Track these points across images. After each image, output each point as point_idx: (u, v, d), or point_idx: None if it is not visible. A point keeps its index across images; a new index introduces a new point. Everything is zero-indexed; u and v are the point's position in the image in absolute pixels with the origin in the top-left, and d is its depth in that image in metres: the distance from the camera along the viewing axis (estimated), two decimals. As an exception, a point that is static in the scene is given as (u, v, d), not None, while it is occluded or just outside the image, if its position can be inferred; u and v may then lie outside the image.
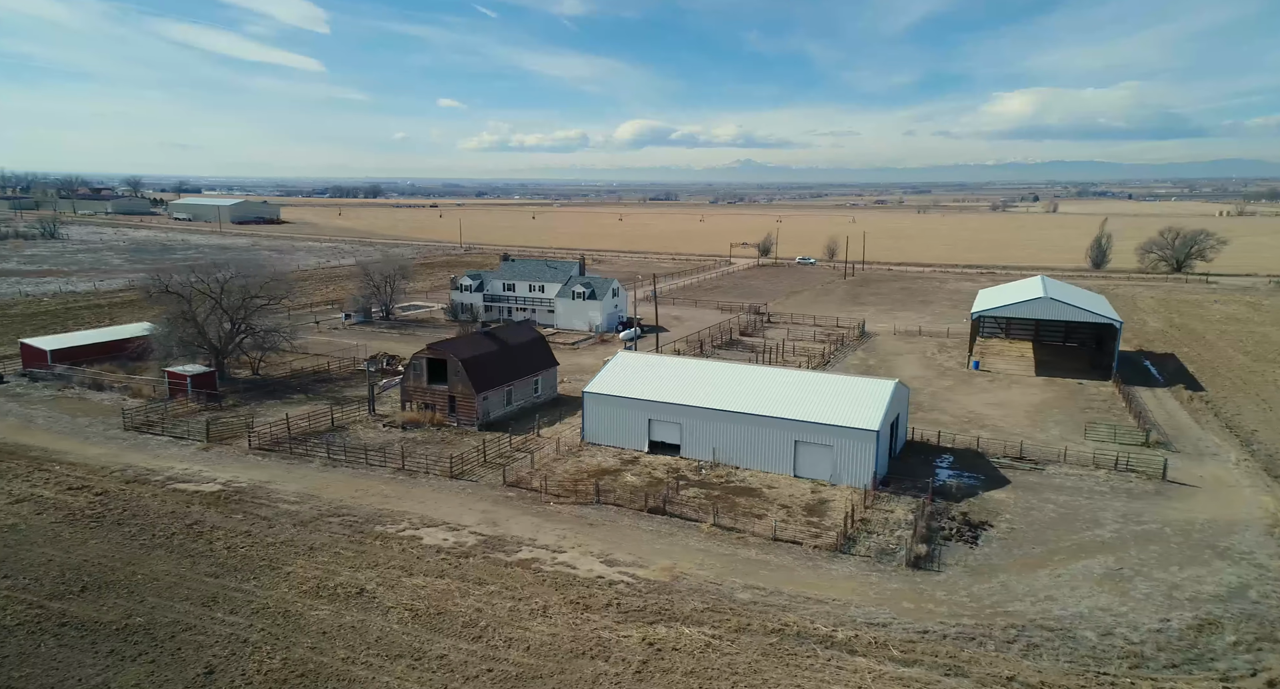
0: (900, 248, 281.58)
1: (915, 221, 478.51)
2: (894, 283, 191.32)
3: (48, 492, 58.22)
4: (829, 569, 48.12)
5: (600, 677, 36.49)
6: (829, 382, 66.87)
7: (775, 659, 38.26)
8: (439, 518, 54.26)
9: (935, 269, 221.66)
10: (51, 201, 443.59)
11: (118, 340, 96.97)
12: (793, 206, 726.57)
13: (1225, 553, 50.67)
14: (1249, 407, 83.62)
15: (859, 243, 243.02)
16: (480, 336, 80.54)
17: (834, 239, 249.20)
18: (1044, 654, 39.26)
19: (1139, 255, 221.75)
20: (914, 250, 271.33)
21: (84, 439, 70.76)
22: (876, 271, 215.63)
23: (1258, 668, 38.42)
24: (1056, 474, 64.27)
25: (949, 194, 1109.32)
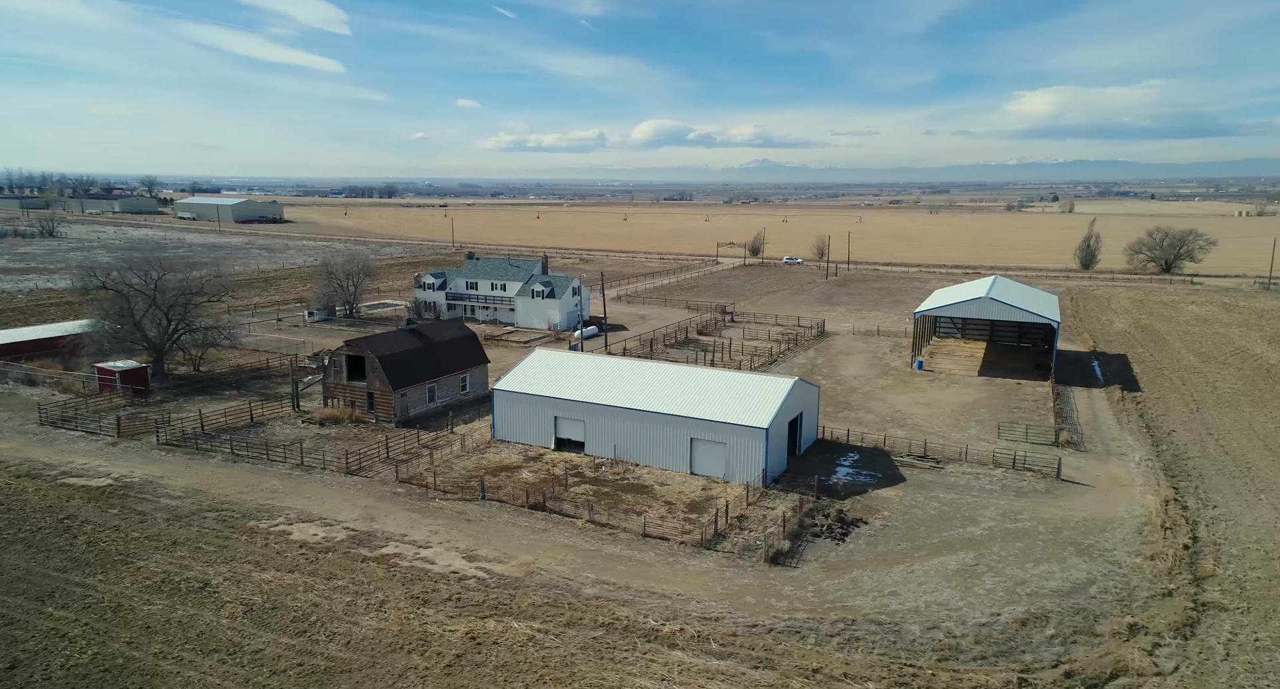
0: (896, 248, 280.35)
1: (924, 222, 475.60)
2: (875, 283, 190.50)
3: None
4: (688, 565, 48.26)
5: (409, 670, 36.85)
6: (731, 380, 66.88)
7: (592, 653, 38.47)
8: (317, 513, 54.84)
9: (922, 269, 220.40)
10: (61, 201, 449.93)
11: (58, 337, 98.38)
12: (804, 207, 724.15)
13: (1086, 550, 50.45)
14: (1177, 407, 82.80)
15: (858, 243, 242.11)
16: (404, 334, 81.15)
17: (823, 239, 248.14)
18: (860, 647, 39.34)
19: (1128, 256, 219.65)
20: (908, 251, 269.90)
21: (3, 429, 72.05)
22: (862, 271, 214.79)
23: (1062, 660, 38.59)
24: (954, 473, 64.04)
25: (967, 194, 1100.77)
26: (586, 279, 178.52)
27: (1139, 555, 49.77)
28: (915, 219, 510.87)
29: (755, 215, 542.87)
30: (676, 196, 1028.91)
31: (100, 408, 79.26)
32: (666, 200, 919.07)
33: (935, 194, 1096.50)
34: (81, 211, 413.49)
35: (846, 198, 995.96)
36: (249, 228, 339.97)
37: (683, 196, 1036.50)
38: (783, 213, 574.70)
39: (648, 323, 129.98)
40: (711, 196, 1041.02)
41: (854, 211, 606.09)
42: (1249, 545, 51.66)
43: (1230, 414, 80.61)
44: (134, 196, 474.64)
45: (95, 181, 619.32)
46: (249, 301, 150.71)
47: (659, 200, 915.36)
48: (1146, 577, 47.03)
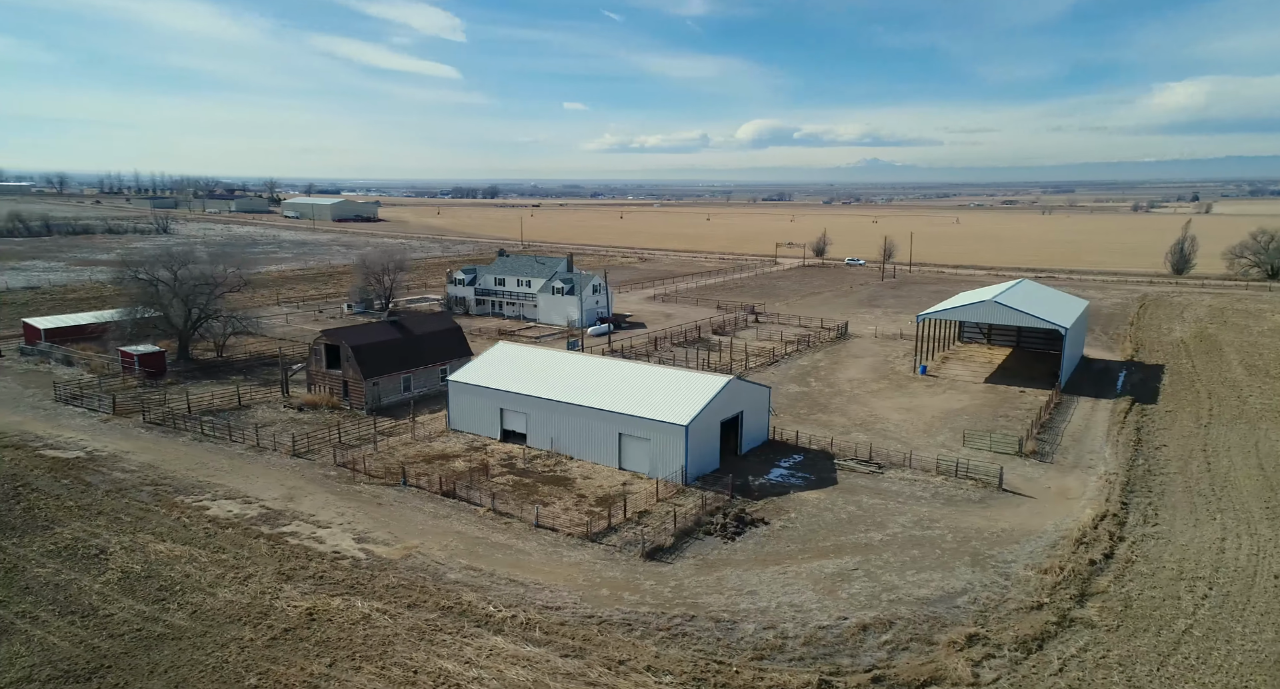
0: (980, 251, 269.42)
1: (1029, 223, 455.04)
2: (931, 286, 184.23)
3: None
4: (565, 556, 48.81)
5: (234, 641, 38.84)
6: (667, 377, 66.75)
7: (416, 634, 39.62)
8: (244, 491, 57.97)
9: (992, 273, 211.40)
10: (187, 201, 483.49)
11: (102, 323, 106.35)
12: (906, 207, 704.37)
13: (983, 560, 48.42)
14: (1185, 422, 77.44)
15: (943, 244, 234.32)
16: (383, 325, 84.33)
17: (891, 240, 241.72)
18: (682, 643, 39.16)
19: (1227, 261, 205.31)
20: (991, 253, 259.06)
21: (10, 408, 78.63)
22: (925, 274, 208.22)
23: (879, 665, 37.70)
24: (892, 478, 62.16)
25: (1093, 193, 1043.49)
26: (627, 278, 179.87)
27: (1034, 569, 47.39)
28: (1020, 220, 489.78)
29: (847, 216, 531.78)
30: (775, 197, 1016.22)
31: (113, 388, 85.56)
32: (764, 201, 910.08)
33: (1058, 194, 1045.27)
34: (203, 211, 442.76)
35: (957, 198, 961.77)
36: (341, 226, 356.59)
37: (781, 197, 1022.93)
38: (881, 213, 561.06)
39: (669, 321, 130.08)
40: (812, 197, 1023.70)
41: (956, 212, 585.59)
42: (1165, 565, 48.35)
43: (1242, 431, 74.84)
44: (249, 197, 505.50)
45: (220, 183, 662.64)
46: (302, 294, 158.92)
47: (755, 201, 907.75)
48: (1026, 590, 44.81)
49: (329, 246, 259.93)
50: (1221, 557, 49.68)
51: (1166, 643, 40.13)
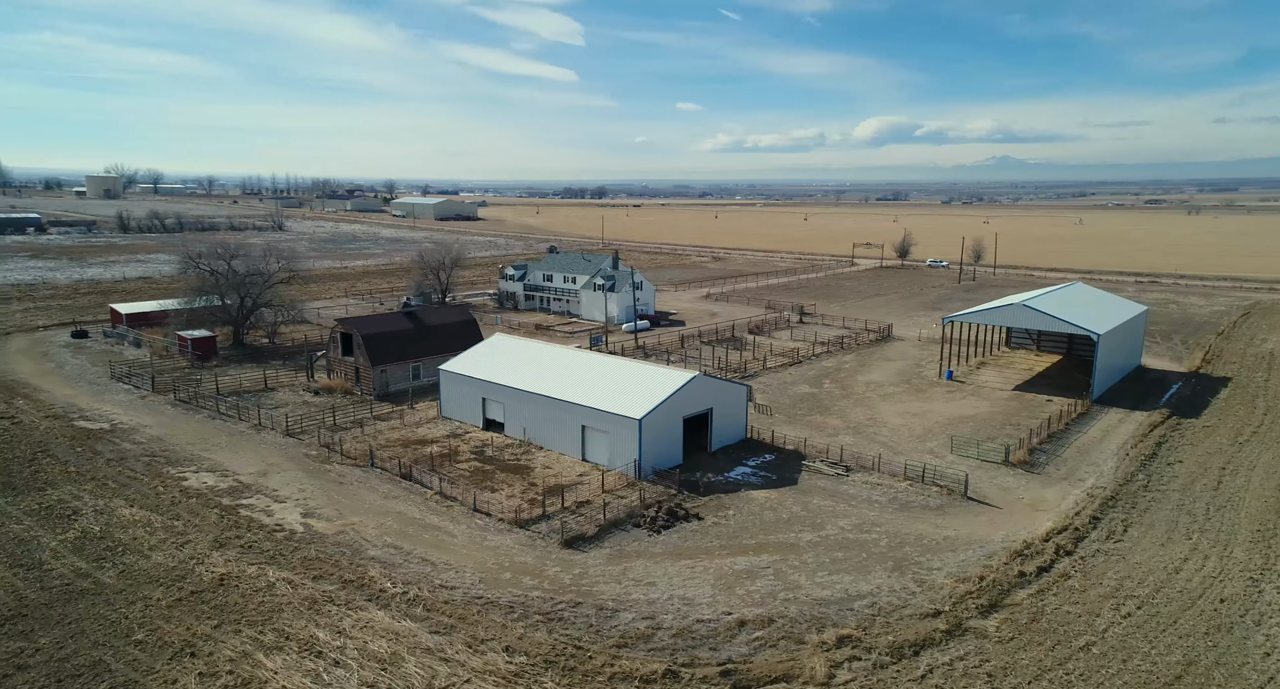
0: (1089, 253, 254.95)
1: (1165, 224, 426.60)
2: (1008, 289, 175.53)
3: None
4: (487, 540, 50.26)
5: (142, 600, 41.98)
6: (638, 371, 67.22)
7: (308, 604, 41.89)
8: (225, 465, 62.10)
9: (1087, 277, 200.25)
10: (310, 201, 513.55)
11: (173, 309, 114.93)
12: (1032, 207, 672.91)
13: (905, 566, 47.20)
14: (1219, 439, 72.04)
15: (1051, 245, 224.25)
16: (397, 316, 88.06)
17: (979, 241, 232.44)
18: (555, 627, 40.06)
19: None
20: (1100, 256, 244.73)
21: (71, 382, 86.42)
22: (1009, 277, 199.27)
23: (735, 659, 37.63)
24: (855, 481, 60.77)
25: (1259, 191, 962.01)
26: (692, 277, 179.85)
27: (954, 578, 45.68)
28: (1158, 221, 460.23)
29: (962, 216, 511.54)
30: (890, 197, 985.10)
31: (163, 368, 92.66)
32: (877, 201, 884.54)
33: (1216, 192, 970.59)
34: (322, 210, 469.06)
35: (1096, 197, 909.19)
36: (441, 224, 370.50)
37: (897, 197, 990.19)
38: (1002, 214, 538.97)
39: (711, 320, 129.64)
40: (930, 197, 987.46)
41: (1085, 213, 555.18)
42: (1102, 582, 45.75)
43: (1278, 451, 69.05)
44: (364, 197, 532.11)
45: (341, 184, 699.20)
46: (375, 287, 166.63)
47: (867, 200, 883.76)
48: (933, 597, 43.35)
49: (420, 243, 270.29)
50: (1172, 577, 46.50)
51: (1055, 658, 38.19)
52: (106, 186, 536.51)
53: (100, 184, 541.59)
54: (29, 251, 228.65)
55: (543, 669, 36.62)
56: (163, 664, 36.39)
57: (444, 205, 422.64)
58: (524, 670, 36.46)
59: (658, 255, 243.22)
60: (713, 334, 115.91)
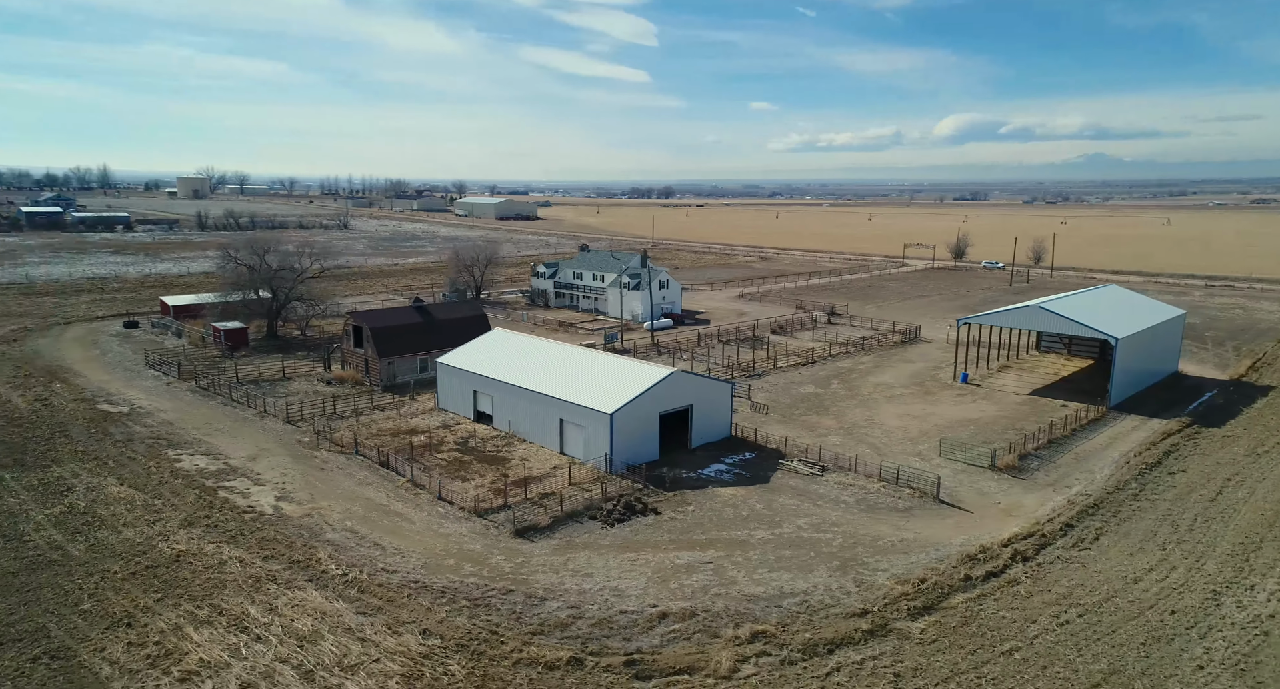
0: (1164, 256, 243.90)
1: (1267, 224, 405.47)
2: (1059, 292, 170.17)
3: (20, 397, 77.73)
4: (442, 527, 51.50)
5: (100, 572, 44.37)
6: (619, 367, 67.72)
7: (250, 582, 43.72)
8: (220, 449, 64.91)
9: (1151, 280, 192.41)
10: (378, 201, 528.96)
11: (214, 302, 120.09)
12: (1119, 207, 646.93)
13: (850, 566, 46.94)
14: (1235, 450, 68.73)
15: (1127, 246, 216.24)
16: (407, 310, 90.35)
17: (1040, 242, 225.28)
18: (476, 612, 41.10)
19: None
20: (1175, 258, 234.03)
21: (109, 369, 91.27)
22: (1067, 279, 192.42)
23: (644, 650, 38.08)
24: (828, 481, 60.15)
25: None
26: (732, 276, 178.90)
27: (895, 579, 44.86)
28: (1259, 221, 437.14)
29: (1041, 216, 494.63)
30: (968, 197, 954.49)
31: (195, 357, 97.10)
32: (954, 201, 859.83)
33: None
34: (390, 209, 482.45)
35: (1196, 196, 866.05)
36: (499, 223, 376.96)
37: (975, 196, 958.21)
38: (1087, 214, 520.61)
39: (738, 319, 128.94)
40: (1012, 196, 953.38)
41: (1184, 212, 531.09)
42: (1050, 589, 44.60)
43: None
44: (429, 197, 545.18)
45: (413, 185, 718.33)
46: (419, 283, 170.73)
47: (941, 200, 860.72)
48: (866, 598, 42.89)
49: (473, 241, 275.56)
50: (1129, 587, 44.86)
51: (971, 662, 37.41)
52: (195, 187, 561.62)
53: (190, 185, 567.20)
54: (112, 247, 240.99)
55: (453, 652, 37.51)
56: (98, 633, 38.54)
57: (504, 205, 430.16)
58: (434, 653, 37.42)
59: (705, 255, 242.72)
60: (733, 333, 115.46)
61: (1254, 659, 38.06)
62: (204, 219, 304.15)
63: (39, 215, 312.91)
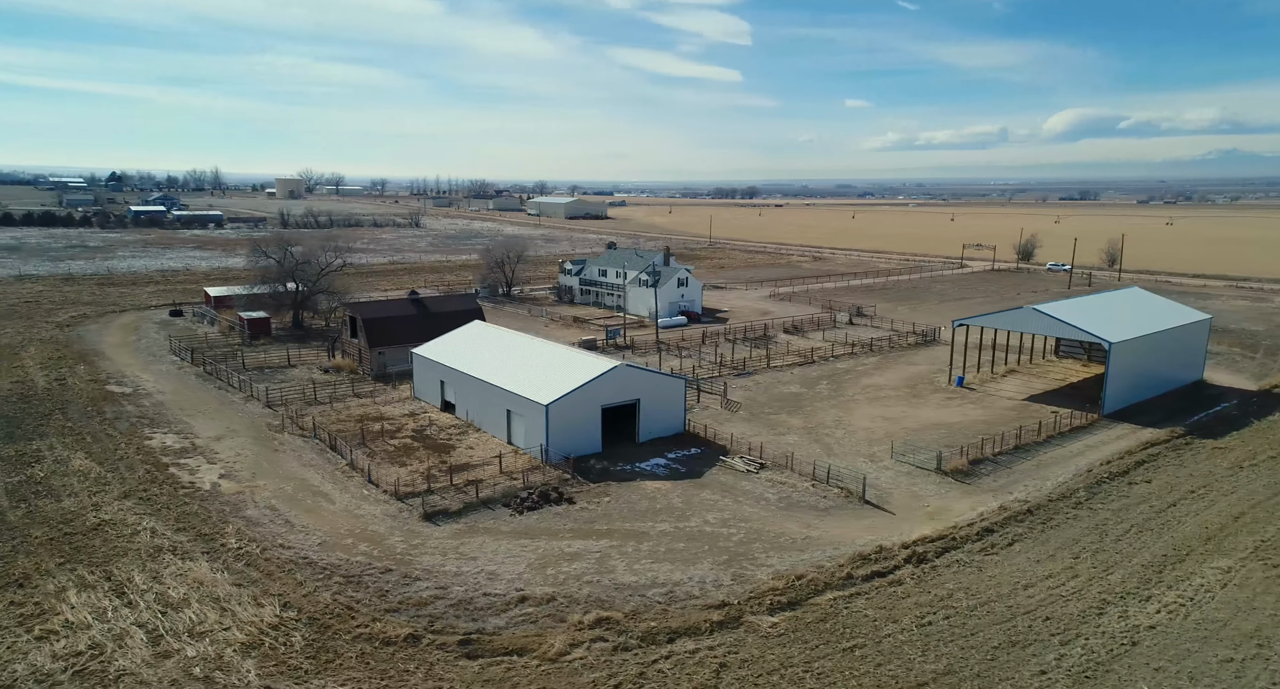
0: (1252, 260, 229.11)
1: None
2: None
3: (43, 376, 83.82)
4: (359, 509, 53.39)
5: (27, 537, 47.67)
6: (570, 359, 68.52)
7: (151, 551, 46.46)
8: (192, 429, 68.71)
9: (1232, 285, 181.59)
10: (457, 201, 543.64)
11: (240, 293, 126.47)
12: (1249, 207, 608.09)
13: (738, 560, 47.03)
14: (1218, 463, 64.77)
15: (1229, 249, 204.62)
16: (402, 302, 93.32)
17: (1114, 243, 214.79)
18: (342, 588, 42.75)
19: None
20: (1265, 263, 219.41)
21: (136, 353, 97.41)
22: (1133, 282, 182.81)
23: (487, 631, 39.05)
24: (761, 479, 59.84)
25: None
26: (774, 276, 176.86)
27: (775, 575, 44.44)
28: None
29: (1152, 216, 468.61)
30: (1076, 196, 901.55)
31: (218, 344, 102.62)
32: (1060, 200, 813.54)
33: None
34: (466, 209, 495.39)
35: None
36: (566, 222, 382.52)
37: (1084, 196, 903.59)
38: (1206, 214, 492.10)
39: (760, 318, 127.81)
40: (1129, 195, 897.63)
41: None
42: (931, 591, 43.81)
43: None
44: (506, 197, 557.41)
45: (494, 185, 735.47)
46: (462, 279, 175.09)
47: (1045, 200, 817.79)
48: (734, 592, 42.94)
49: (533, 240, 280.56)
50: (1014, 593, 43.45)
51: (807, 656, 37.30)
52: (291, 189, 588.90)
53: (287, 186, 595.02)
54: (196, 243, 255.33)
55: (302, 625, 39.08)
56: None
57: (574, 205, 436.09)
58: (284, 624, 39.09)
59: (758, 254, 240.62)
60: (742, 332, 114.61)
61: (1107, 668, 36.39)
62: (286, 217, 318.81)
63: (143, 214, 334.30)
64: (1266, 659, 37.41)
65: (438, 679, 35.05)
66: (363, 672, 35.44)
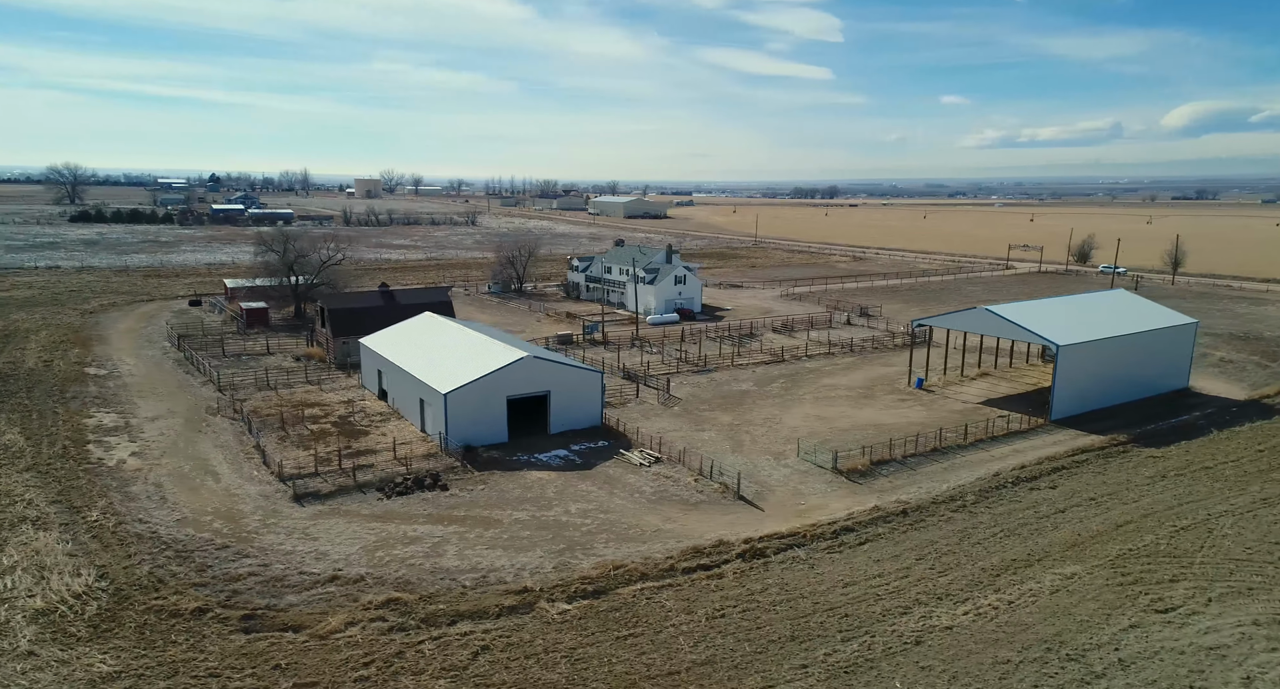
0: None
1: None
2: (1185, 302, 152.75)
3: (35, 358, 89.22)
4: (239, 488, 55.47)
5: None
6: (485, 349, 69.27)
7: (14, 519, 49.23)
8: (136, 410, 72.34)
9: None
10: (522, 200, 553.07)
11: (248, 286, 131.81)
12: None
13: (572, 549, 47.47)
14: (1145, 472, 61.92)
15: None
16: (372, 294, 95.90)
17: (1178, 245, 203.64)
18: (166, 561, 44.41)
19: None
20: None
21: (134, 338, 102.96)
22: (1187, 287, 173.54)
23: (273, 607, 40.10)
24: (648, 472, 59.90)
25: None
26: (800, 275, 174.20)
27: (599, 566, 44.46)
28: None
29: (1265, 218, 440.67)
30: (1193, 195, 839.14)
31: (215, 331, 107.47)
32: (1176, 200, 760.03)
33: None
34: (530, 208, 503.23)
35: None
36: (621, 222, 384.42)
37: (1201, 195, 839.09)
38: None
39: (762, 316, 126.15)
40: (1255, 194, 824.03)
41: None
42: (748, 586, 43.47)
43: (1197, 489, 57.51)
44: (572, 197, 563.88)
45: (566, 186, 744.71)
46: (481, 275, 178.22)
47: (1153, 199, 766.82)
48: (545, 579, 43.34)
49: (577, 238, 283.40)
50: (829, 591, 42.86)
51: (575, 643, 37.93)
52: (368, 188, 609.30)
53: (365, 186, 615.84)
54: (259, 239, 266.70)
55: (108, 595, 40.82)
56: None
57: (633, 204, 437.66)
58: (88, 593, 40.78)
59: (797, 253, 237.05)
60: (728, 330, 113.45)
61: (872, 665, 35.79)
62: (348, 215, 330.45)
63: (220, 212, 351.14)
64: (1046, 663, 35.55)
65: (198, 651, 36.29)
66: (131, 641, 36.88)
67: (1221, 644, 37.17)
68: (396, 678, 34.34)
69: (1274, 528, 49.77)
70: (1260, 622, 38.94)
